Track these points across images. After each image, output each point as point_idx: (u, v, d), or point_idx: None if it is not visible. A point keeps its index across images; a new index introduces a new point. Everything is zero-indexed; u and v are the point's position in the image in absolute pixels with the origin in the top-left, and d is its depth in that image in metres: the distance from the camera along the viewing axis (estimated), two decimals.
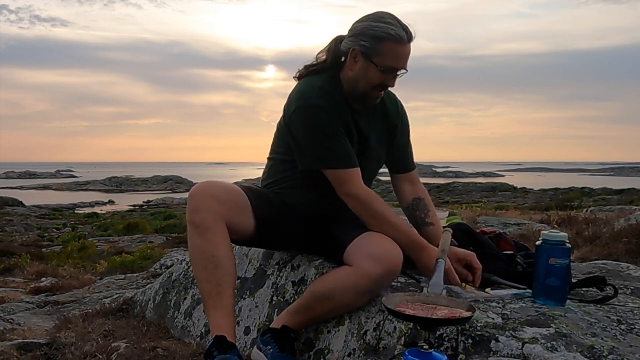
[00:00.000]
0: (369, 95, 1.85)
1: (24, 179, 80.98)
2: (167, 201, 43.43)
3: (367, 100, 1.87)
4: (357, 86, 1.83)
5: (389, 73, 1.80)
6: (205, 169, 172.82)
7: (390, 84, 1.83)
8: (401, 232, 1.78)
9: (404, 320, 1.58)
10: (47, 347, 2.34)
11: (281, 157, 1.96)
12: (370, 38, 1.76)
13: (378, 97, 1.88)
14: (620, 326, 1.55)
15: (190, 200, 1.74)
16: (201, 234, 1.71)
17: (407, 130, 2.08)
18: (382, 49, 1.76)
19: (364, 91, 1.83)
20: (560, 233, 1.71)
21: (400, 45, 1.76)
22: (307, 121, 1.79)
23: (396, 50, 1.76)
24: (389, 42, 1.75)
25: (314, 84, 1.84)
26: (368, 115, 1.93)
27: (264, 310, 2.15)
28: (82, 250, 11.31)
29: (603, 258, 2.98)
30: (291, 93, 1.88)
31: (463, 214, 6.19)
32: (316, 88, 1.82)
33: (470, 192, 43.41)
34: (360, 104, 1.88)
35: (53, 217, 28.76)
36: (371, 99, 1.87)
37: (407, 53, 1.79)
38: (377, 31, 1.75)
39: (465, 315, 1.38)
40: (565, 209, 8.76)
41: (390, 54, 1.76)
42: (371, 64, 1.78)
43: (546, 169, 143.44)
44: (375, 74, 1.79)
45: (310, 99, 1.80)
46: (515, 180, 60.86)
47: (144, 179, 67.62)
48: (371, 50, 1.77)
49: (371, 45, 1.76)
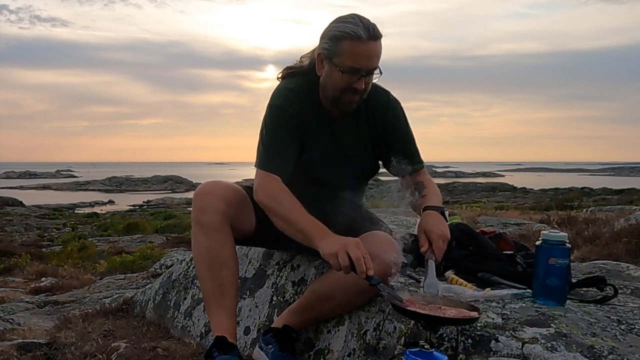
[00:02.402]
0: (340, 100, 1.77)
1: (24, 179, 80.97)
2: (167, 201, 43.42)
3: (341, 105, 1.79)
4: (327, 91, 1.78)
5: (352, 74, 1.70)
6: (205, 169, 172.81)
7: (358, 86, 1.72)
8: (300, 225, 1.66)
9: (413, 319, 1.57)
10: (47, 347, 2.34)
11: None
12: (330, 39, 1.71)
13: (353, 102, 1.78)
14: (620, 326, 1.55)
15: (197, 200, 1.74)
16: (207, 234, 1.71)
17: (403, 127, 1.95)
18: (340, 49, 1.68)
19: (334, 96, 1.76)
20: (560, 233, 1.71)
21: (358, 44, 1.66)
22: (265, 120, 1.82)
23: (354, 49, 1.66)
24: (345, 40, 1.67)
25: (287, 86, 1.84)
26: (349, 122, 1.87)
27: (264, 310, 2.15)
28: (82, 250, 11.31)
29: (603, 258, 2.98)
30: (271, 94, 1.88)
31: (463, 214, 6.19)
32: (286, 90, 1.82)
33: (470, 192, 43.44)
34: (336, 109, 1.82)
35: (53, 217, 28.74)
36: (344, 104, 1.78)
37: (370, 52, 1.68)
38: (335, 31, 1.69)
39: (474, 316, 1.41)
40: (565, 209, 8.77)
41: (348, 53, 1.67)
42: (333, 66, 1.72)
43: (546, 169, 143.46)
44: (338, 76, 1.71)
45: (275, 99, 1.82)
46: (515, 180, 60.88)
47: (144, 179, 67.59)
48: (331, 51, 1.70)
49: (331, 47, 1.70)
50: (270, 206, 1.72)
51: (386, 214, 4.29)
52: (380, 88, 1.90)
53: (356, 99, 1.77)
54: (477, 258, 2.03)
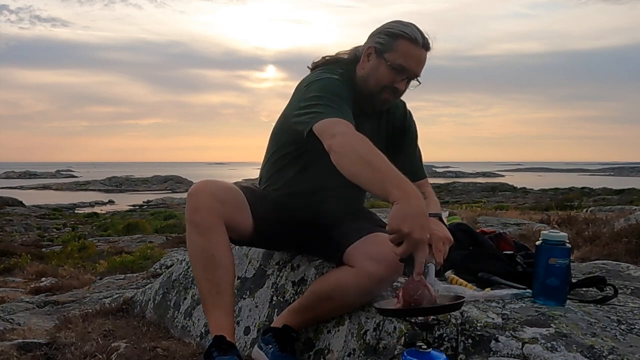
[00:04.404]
0: (377, 96, 1.82)
1: (24, 179, 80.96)
2: (167, 201, 43.42)
3: (376, 102, 1.85)
4: (367, 84, 1.82)
5: (399, 73, 1.77)
6: (205, 169, 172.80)
7: (400, 86, 1.79)
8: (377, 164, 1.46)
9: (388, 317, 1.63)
10: (47, 347, 2.34)
11: (276, 157, 1.95)
12: (386, 35, 1.78)
13: (387, 102, 1.85)
14: (620, 326, 1.55)
15: (190, 199, 1.73)
16: (201, 233, 1.70)
17: (413, 138, 2.04)
18: (395, 46, 1.76)
19: (373, 91, 1.81)
20: (560, 233, 1.71)
21: (413, 46, 1.75)
22: (321, 85, 1.72)
23: (408, 49, 1.75)
24: (402, 39, 1.75)
25: (329, 72, 1.82)
26: (373, 120, 1.91)
27: (264, 310, 2.15)
28: (82, 250, 11.32)
29: (603, 258, 2.98)
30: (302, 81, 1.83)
31: (463, 214, 6.19)
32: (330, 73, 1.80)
33: (470, 192, 43.43)
34: (368, 106, 1.87)
35: (53, 217, 28.75)
36: (379, 101, 1.84)
37: (421, 58, 1.78)
38: (393, 29, 1.78)
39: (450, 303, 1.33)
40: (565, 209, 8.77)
41: (402, 52, 1.75)
42: (382, 61, 1.78)
43: (546, 169, 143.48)
44: (385, 71, 1.78)
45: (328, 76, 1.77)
46: (515, 180, 60.88)
47: (144, 179, 67.59)
48: (385, 46, 1.77)
49: (385, 42, 1.77)
50: (347, 149, 1.50)
51: (386, 214, 4.29)
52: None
53: (391, 100, 1.85)
54: (477, 258, 2.03)
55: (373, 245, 1.72)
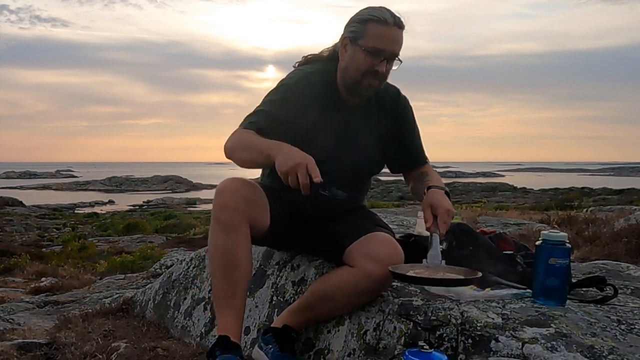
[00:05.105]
0: (360, 83, 1.82)
1: (24, 179, 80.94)
2: (167, 201, 43.42)
3: (359, 90, 1.84)
4: (348, 74, 1.83)
5: (375, 55, 1.77)
6: (205, 169, 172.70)
7: (380, 68, 1.78)
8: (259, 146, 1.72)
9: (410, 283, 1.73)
10: (47, 347, 2.34)
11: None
12: (357, 22, 1.81)
13: (372, 86, 1.84)
14: (620, 326, 1.55)
15: (218, 197, 1.71)
16: (225, 232, 1.68)
17: (409, 125, 2.01)
18: (366, 31, 1.78)
19: (354, 79, 1.82)
20: (560, 233, 1.71)
21: (384, 26, 1.76)
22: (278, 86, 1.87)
23: (379, 30, 1.76)
24: (372, 23, 1.77)
25: (306, 69, 1.91)
26: (362, 112, 1.91)
27: (264, 310, 2.15)
28: (82, 250, 11.32)
29: (603, 258, 2.98)
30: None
31: (463, 213, 6.18)
32: (304, 72, 1.89)
33: (470, 192, 43.41)
34: (354, 96, 1.87)
35: (53, 217, 28.75)
36: (363, 88, 1.83)
37: (394, 36, 1.78)
38: (363, 15, 1.80)
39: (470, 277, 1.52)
40: (565, 209, 8.76)
41: (374, 34, 1.76)
42: (357, 47, 1.79)
43: (546, 169, 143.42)
44: (361, 57, 1.78)
45: (290, 76, 1.89)
46: (515, 180, 60.86)
47: (144, 179, 67.53)
48: (357, 33, 1.79)
49: (357, 29, 1.79)
50: (232, 146, 1.78)
51: (386, 214, 4.28)
52: (391, 84, 1.95)
53: (376, 84, 1.84)
54: (477, 258, 2.03)
55: (373, 245, 1.72)
